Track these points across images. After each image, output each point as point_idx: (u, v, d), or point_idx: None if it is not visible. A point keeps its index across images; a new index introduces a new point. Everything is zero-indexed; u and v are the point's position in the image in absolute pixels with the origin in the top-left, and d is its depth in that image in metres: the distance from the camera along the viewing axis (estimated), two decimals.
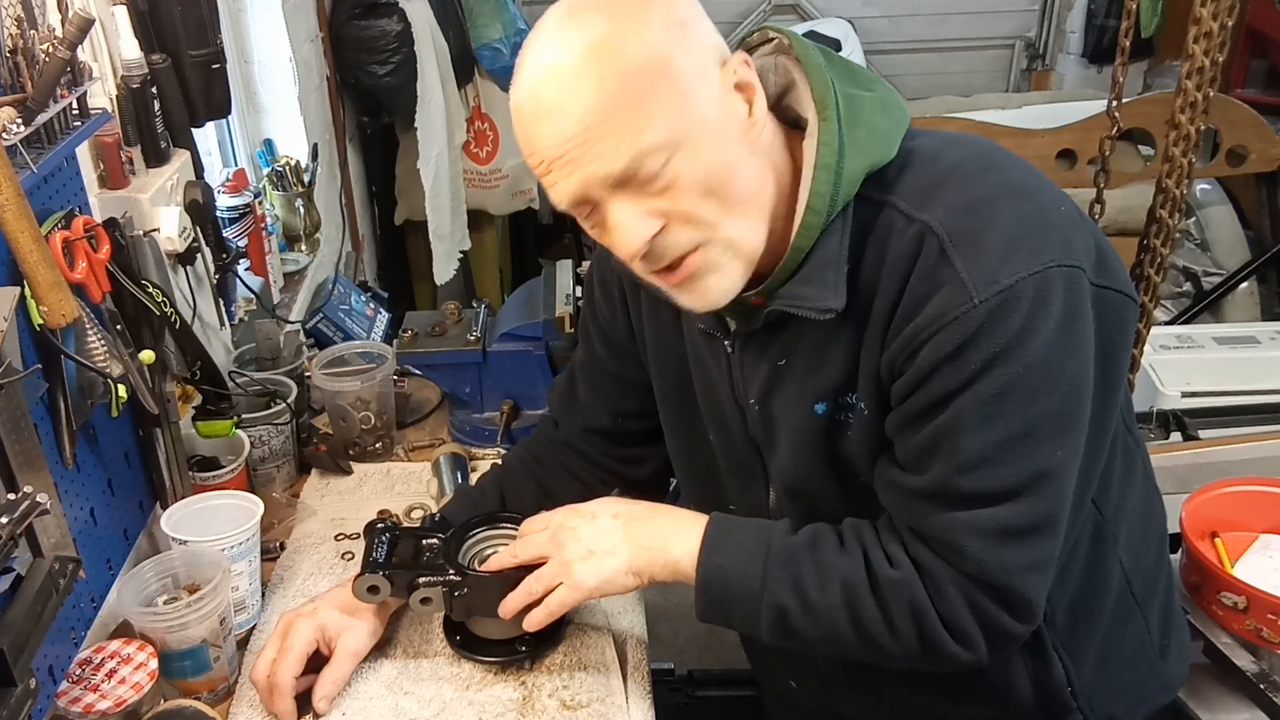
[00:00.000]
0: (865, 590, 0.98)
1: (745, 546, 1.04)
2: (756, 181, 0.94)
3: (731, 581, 1.03)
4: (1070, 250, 0.91)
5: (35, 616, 0.98)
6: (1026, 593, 0.94)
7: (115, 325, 1.26)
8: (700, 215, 0.91)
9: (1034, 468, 0.92)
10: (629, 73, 0.87)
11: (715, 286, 0.95)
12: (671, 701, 2.20)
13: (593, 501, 1.15)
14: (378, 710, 1.16)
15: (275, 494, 1.57)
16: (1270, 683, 1.30)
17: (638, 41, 0.88)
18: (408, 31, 2.95)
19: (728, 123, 0.92)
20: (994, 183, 0.93)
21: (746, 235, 0.94)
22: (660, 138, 0.88)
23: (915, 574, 0.97)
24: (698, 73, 0.90)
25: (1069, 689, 1.10)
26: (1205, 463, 1.86)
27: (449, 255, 3.31)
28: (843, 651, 1.02)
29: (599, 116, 0.87)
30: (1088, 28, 4.70)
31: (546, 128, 0.90)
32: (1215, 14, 1.49)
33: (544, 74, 0.89)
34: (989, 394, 0.89)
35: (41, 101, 1.15)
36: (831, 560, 1.00)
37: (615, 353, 1.27)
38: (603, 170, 0.89)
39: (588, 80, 0.87)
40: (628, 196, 0.91)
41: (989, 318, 0.88)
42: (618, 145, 0.87)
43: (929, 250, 0.91)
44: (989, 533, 0.93)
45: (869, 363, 0.97)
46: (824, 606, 1.00)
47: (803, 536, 1.03)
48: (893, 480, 0.99)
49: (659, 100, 0.87)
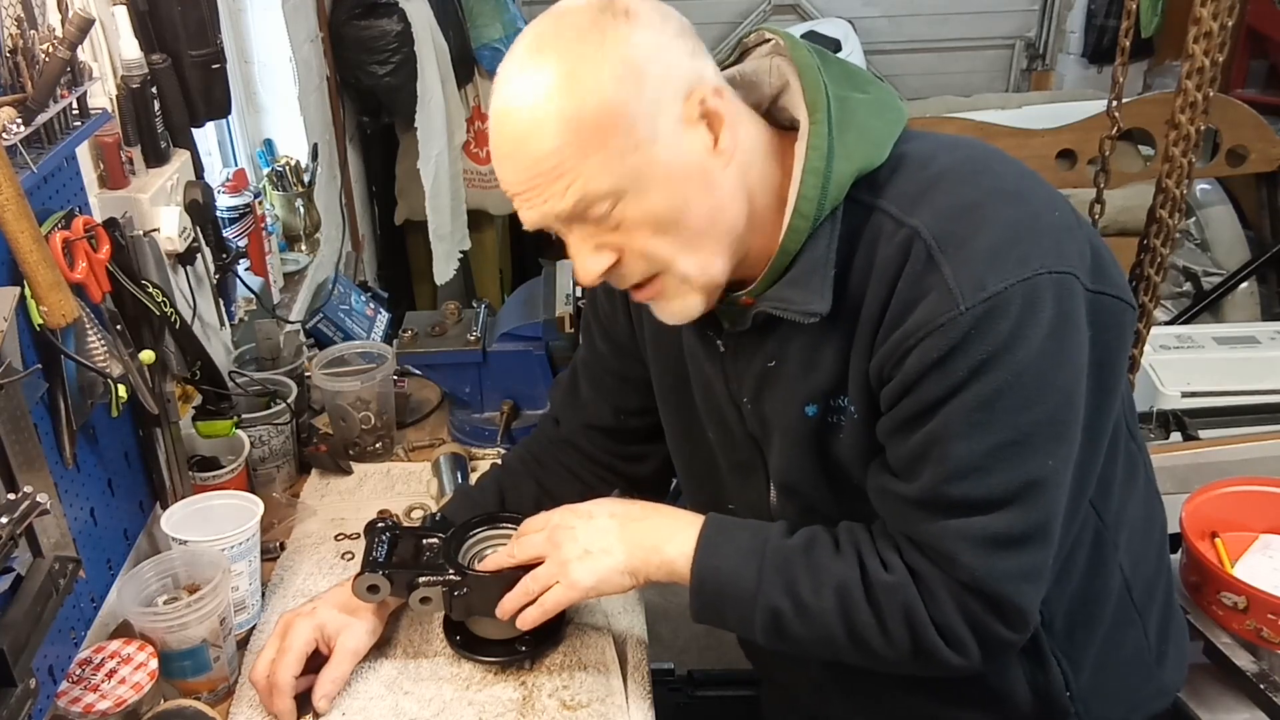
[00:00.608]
0: (859, 595, 0.98)
1: (740, 549, 1.04)
2: (713, 215, 0.95)
3: (726, 583, 1.03)
4: (1061, 256, 0.90)
5: (35, 616, 0.98)
6: (1018, 601, 0.94)
7: (115, 325, 1.26)
8: (652, 252, 0.95)
9: (1024, 476, 0.91)
10: (581, 123, 0.89)
11: (676, 310, 1.00)
12: (671, 701, 2.20)
13: (590, 502, 1.16)
14: (378, 710, 1.16)
15: (275, 494, 1.57)
16: (1270, 683, 1.30)
17: (590, 89, 0.88)
18: (408, 31, 2.95)
19: (685, 159, 0.92)
20: (985, 187, 0.93)
21: (700, 269, 0.96)
22: (606, 186, 0.90)
23: (910, 579, 0.97)
24: (650, 116, 0.90)
25: (1067, 694, 1.10)
26: (1205, 463, 1.86)
27: (449, 255, 3.31)
28: (836, 655, 1.02)
29: (548, 164, 0.90)
30: (1088, 28, 4.70)
31: (507, 164, 0.94)
32: (1215, 14, 1.49)
33: (504, 113, 0.92)
34: (978, 401, 0.89)
35: (41, 101, 1.15)
36: (826, 564, 1.00)
37: (617, 350, 1.27)
38: (554, 210, 0.93)
39: (540, 129, 0.89)
40: (582, 231, 0.95)
41: (976, 325, 0.88)
42: (565, 189, 0.91)
43: (917, 255, 0.90)
44: (980, 541, 0.93)
45: (858, 366, 0.97)
46: (818, 610, 1.00)
47: (798, 540, 1.03)
48: (885, 487, 0.99)
49: (607, 150, 0.89)
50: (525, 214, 0.96)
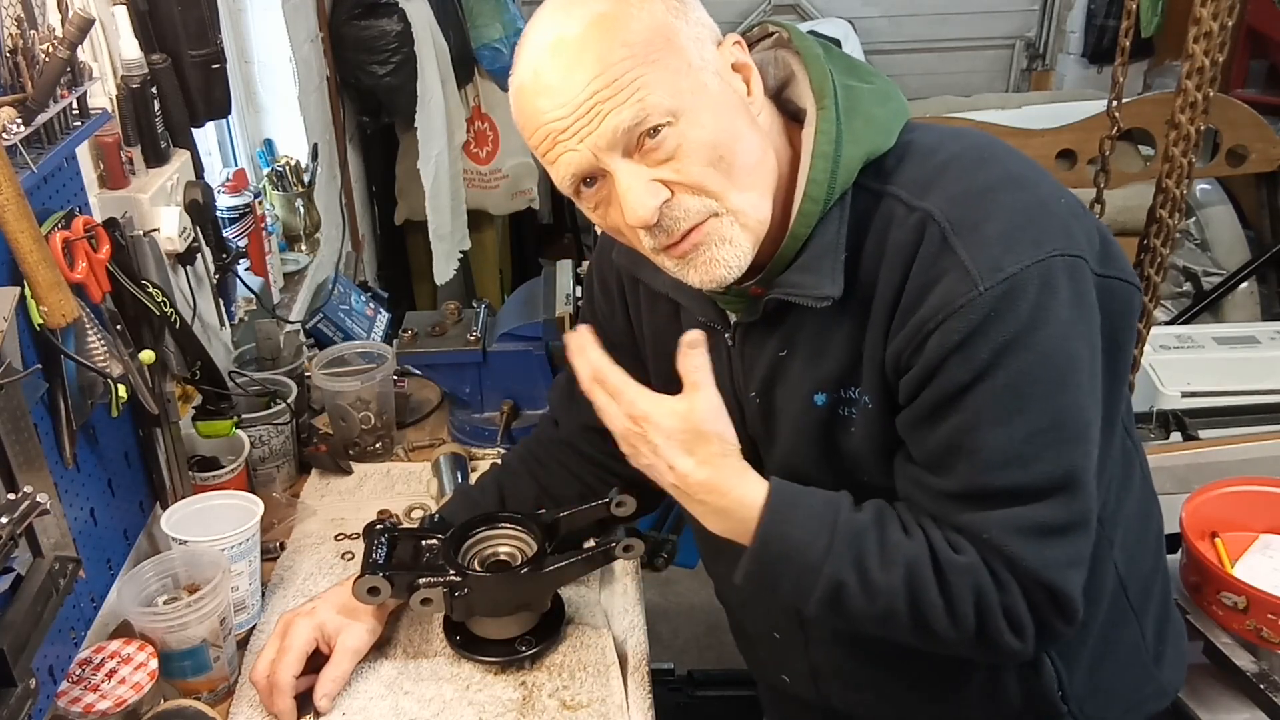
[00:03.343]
0: (929, 574, 0.95)
1: (813, 516, 0.99)
2: (760, 154, 0.94)
3: (792, 550, 0.98)
4: (1072, 240, 0.91)
5: (35, 616, 0.98)
6: (1069, 589, 0.93)
7: (115, 325, 1.26)
8: (706, 185, 0.91)
9: (1068, 463, 0.90)
10: (633, 42, 0.88)
11: (723, 259, 0.94)
12: (671, 701, 2.21)
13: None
14: (378, 710, 1.16)
15: (275, 494, 1.57)
16: (1270, 683, 1.30)
17: (640, 14, 0.89)
18: (408, 31, 2.95)
19: (730, 96, 0.93)
20: (994, 174, 0.93)
21: (753, 207, 0.94)
22: (666, 101, 0.89)
23: (981, 563, 0.94)
24: (698, 46, 0.92)
25: (1059, 693, 1.09)
26: (1205, 463, 1.86)
27: (449, 255, 3.31)
28: (893, 633, 0.99)
29: (604, 81, 0.88)
30: (1088, 28, 4.69)
31: (551, 100, 0.90)
32: (1215, 14, 1.49)
33: (548, 49, 0.90)
34: (1004, 387, 0.89)
35: (41, 101, 1.15)
36: (897, 540, 0.97)
37: (614, 350, 1.26)
38: (610, 126, 0.89)
39: (592, 51, 0.88)
40: (633, 168, 0.91)
41: (995, 305, 0.87)
42: (624, 102, 0.88)
43: (931, 238, 0.90)
44: (1029, 531, 0.91)
45: (873, 354, 0.96)
46: (885, 586, 0.96)
47: (868, 514, 0.99)
48: (918, 480, 0.97)
49: (663, 66, 0.89)
50: (569, 157, 0.91)
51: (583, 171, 0.92)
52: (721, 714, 2.25)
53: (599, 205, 0.96)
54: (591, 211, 0.98)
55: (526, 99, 0.92)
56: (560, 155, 0.92)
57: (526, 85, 0.92)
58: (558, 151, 0.92)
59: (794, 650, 1.20)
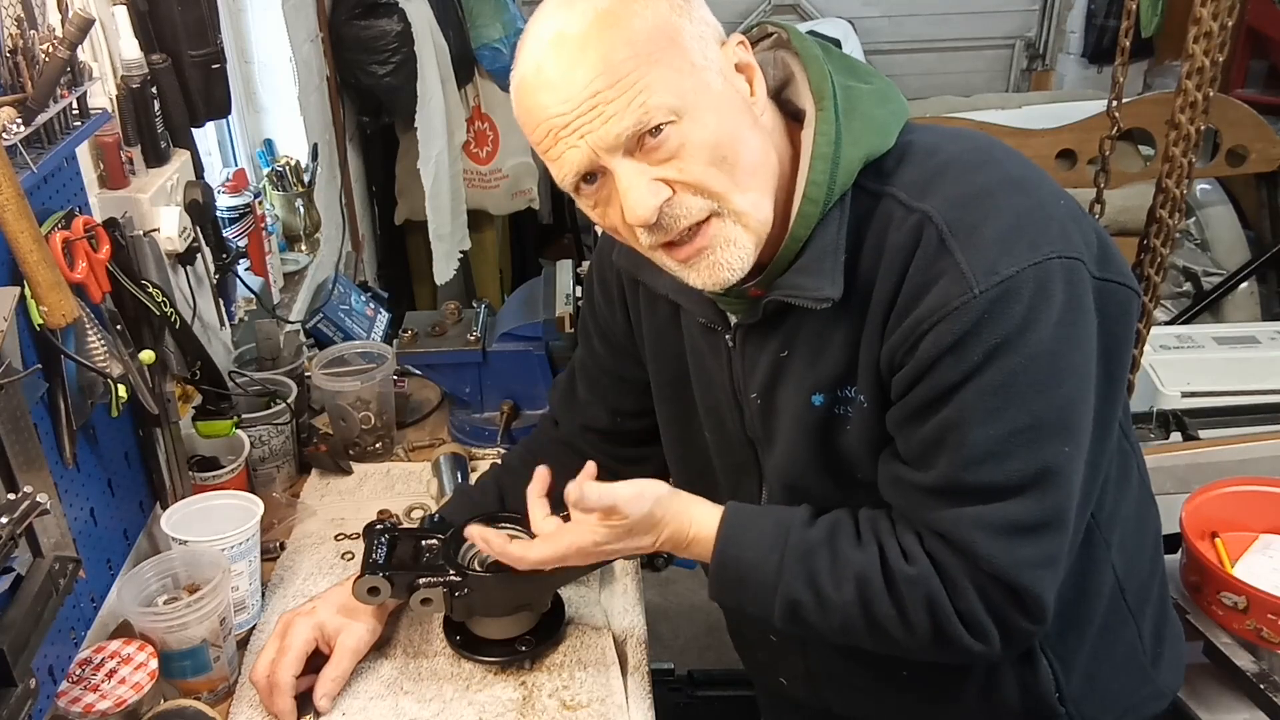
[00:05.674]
0: (880, 586, 0.97)
1: (764, 536, 1.02)
2: (762, 155, 0.94)
3: (746, 571, 1.02)
4: (1069, 243, 0.91)
5: (35, 616, 0.98)
6: (1036, 589, 0.93)
7: (115, 325, 1.26)
8: (708, 184, 0.91)
9: (1041, 462, 0.91)
10: (636, 40, 0.88)
11: (726, 261, 0.94)
12: (671, 701, 2.21)
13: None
14: (378, 710, 1.16)
15: (275, 494, 1.57)
16: (1270, 683, 1.31)
17: (644, 12, 0.89)
18: (408, 31, 2.95)
19: (733, 96, 0.93)
20: (992, 176, 0.93)
21: (755, 207, 0.94)
22: (668, 100, 0.89)
23: (931, 570, 0.96)
24: (701, 46, 0.92)
25: (1057, 695, 1.09)
26: (1205, 463, 1.86)
27: (449, 255, 3.31)
28: (856, 642, 1.02)
29: (607, 80, 0.88)
30: (1088, 28, 4.69)
31: (553, 95, 0.90)
32: (1215, 14, 1.49)
33: (550, 45, 0.90)
34: (993, 386, 0.89)
35: (41, 101, 1.15)
36: (848, 554, 0.99)
37: (613, 351, 1.27)
38: (612, 131, 0.89)
39: (594, 48, 0.88)
40: (634, 166, 0.91)
41: (990, 308, 0.88)
42: (626, 105, 0.88)
43: (928, 240, 0.91)
44: (998, 529, 0.92)
45: (869, 354, 0.97)
46: (838, 602, 0.99)
47: (820, 529, 1.02)
48: (898, 476, 0.98)
49: (666, 65, 0.89)
50: (570, 155, 0.91)
51: (584, 168, 0.92)
52: (721, 714, 2.25)
53: (599, 204, 0.96)
54: (591, 210, 0.98)
55: (528, 93, 0.92)
56: (562, 152, 0.92)
57: (528, 80, 0.92)
58: (559, 149, 0.92)
59: (791, 653, 1.20)
